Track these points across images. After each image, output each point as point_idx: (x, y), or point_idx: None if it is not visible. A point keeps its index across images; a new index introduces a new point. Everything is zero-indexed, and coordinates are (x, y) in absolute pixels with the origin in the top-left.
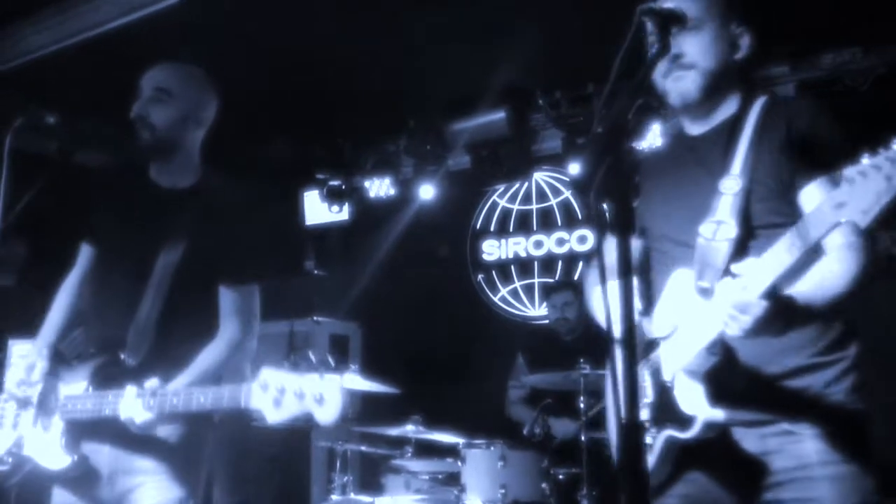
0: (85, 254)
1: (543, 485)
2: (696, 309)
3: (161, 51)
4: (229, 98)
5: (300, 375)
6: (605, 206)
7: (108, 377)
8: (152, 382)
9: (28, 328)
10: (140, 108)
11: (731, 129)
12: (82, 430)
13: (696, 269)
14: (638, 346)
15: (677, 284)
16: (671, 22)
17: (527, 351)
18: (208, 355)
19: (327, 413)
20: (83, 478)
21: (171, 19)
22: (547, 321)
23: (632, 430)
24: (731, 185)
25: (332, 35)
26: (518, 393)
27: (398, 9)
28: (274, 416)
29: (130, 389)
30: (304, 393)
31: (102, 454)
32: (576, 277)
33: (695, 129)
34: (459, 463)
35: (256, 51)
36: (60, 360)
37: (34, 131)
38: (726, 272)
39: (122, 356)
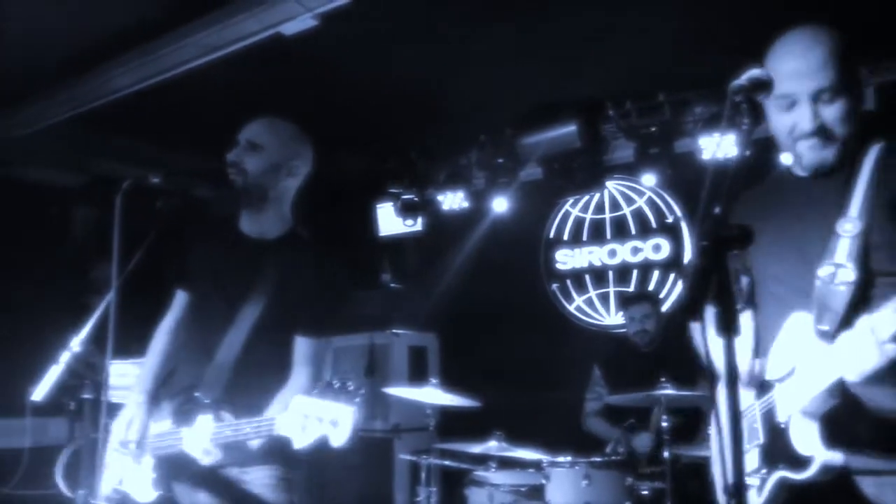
0: (179, 299)
1: (627, 503)
2: (816, 352)
3: (240, 84)
4: (305, 115)
5: (322, 401)
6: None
7: (185, 414)
8: (206, 419)
9: (125, 350)
10: (234, 156)
11: (848, 170)
12: (172, 468)
13: (814, 312)
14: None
15: (795, 327)
16: (758, 91)
17: (603, 364)
18: (282, 401)
19: (339, 436)
20: None
21: (249, 55)
22: (623, 330)
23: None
24: (849, 227)
25: (403, 52)
26: (594, 406)
27: (468, 24)
28: (300, 440)
29: (199, 422)
30: (322, 417)
31: (188, 494)
32: (651, 287)
33: (804, 170)
34: (543, 480)
35: (332, 69)
36: (153, 400)
37: (141, 192)
38: (847, 316)
39: (197, 394)
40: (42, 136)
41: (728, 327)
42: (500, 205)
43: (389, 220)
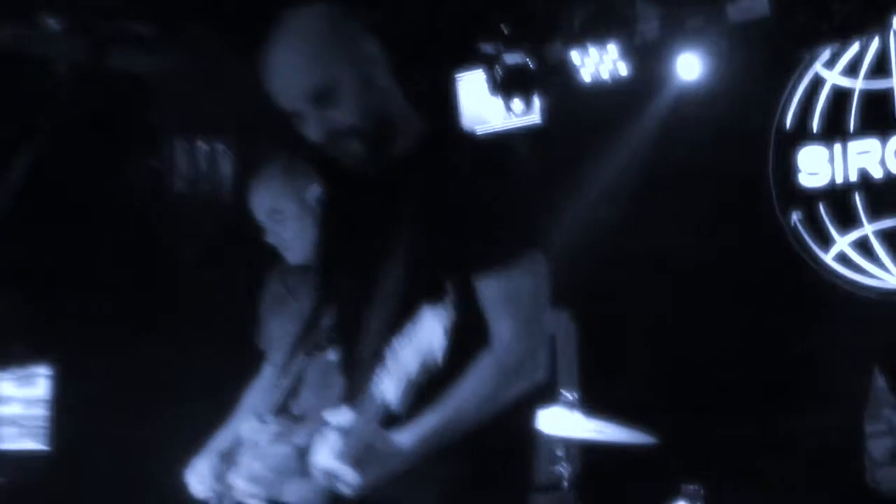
0: None
1: None
2: None
3: None
4: None
5: None
6: None
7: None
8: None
9: None
10: (318, 132)
11: None
12: None
13: None
14: None
15: None
16: None
17: (892, 362)
18: (465, 381)
19: None
20: None
21: None
22: None
23: None
24: None
25: None
26: (885, 444)
27: None
28: None
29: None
30: None
31: None
32: None
33: None
34: None
35: None
36: None
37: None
38: None
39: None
40: None
41: None
42: (689, 68)
43: (481, 103)
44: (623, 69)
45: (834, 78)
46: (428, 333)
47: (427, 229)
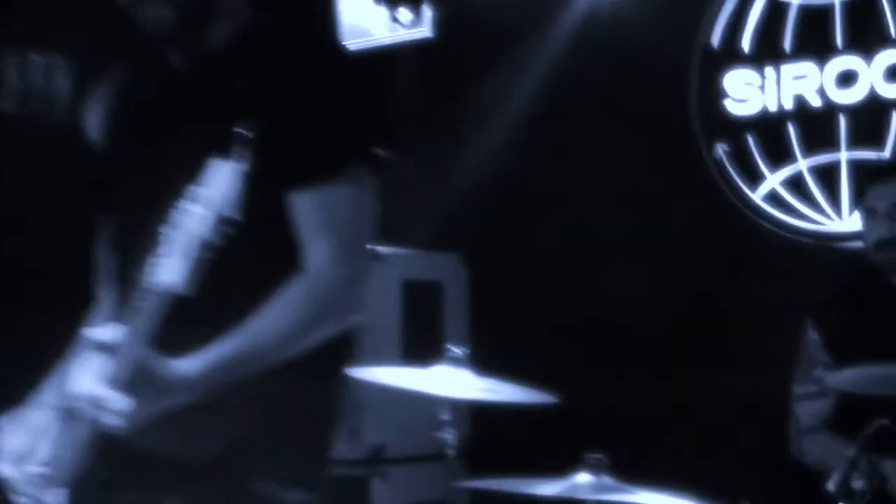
0: None
1: None
2: None
3: None
4: None
5: None
6: None
7: None
8: None
9: None
10: (155, 16)
11: None
12: None
13: None
14: None
15: None
16: None
17: (826, 318)
18: (269, 308)
19: None
20: None
21: None
22: (863, 244)
23: None
24: None
25: None
26: (814, 407)
27: None
28: None
29: None
30: None
31: None
32: None
33: None
34: None
35: None
36: None
37: None
38: None
39: None
40: None
41: None
42: None
43: (363, 12)
44: None
45: None
46: (218, 186)
47: (231, 134)
